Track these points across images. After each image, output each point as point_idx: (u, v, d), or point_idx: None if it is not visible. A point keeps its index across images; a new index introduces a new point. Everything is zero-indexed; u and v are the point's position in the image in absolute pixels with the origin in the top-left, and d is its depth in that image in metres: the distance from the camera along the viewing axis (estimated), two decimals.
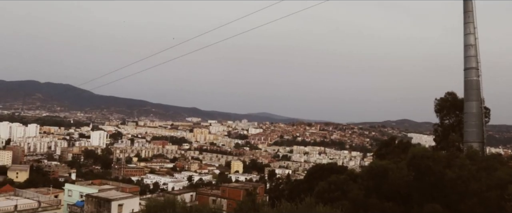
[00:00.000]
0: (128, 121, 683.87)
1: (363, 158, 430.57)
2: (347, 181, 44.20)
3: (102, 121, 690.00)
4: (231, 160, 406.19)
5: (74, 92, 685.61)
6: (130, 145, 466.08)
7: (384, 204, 36.28)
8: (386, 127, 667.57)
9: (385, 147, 69.57)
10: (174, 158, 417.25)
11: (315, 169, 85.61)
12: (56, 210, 67.33)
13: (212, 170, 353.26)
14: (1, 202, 65.23)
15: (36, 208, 64.67)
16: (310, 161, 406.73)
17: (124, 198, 75.19)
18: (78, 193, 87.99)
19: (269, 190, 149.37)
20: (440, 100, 62.80)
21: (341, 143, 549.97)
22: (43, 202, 67.23)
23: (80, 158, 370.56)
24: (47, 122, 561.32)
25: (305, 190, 57.02)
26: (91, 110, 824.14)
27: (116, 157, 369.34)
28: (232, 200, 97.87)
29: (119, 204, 71.54)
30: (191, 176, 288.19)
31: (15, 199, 67.38)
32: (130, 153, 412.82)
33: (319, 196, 41.11)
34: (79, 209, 77.20)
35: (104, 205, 70.92)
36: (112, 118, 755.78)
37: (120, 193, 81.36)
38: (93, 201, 73.12)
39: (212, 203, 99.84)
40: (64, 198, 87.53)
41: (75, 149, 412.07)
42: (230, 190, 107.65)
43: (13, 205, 62.01)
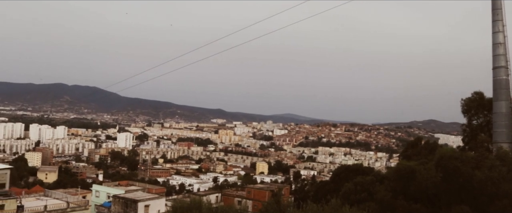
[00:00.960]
0: (154, 122, 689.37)
1: (389, 159, 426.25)
2: (374, 182, 43.75)
3: (128, 123, 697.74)
4: (256, 161, 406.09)
5: (100, 94, 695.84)
6: (156, 147, 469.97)
7: (411, 206, 35.79)
8: (412, 127, 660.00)
9: (412, 148, 68.68)
10: (200, 160, 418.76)
11: (341, 170, 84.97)
12: (84, 211, 68.13)
13: (237, 171, 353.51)
14: (32, 202, 66.41)
15: (65, 208, 65.56)
16: (336, 162, 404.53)
17: (150, 199, 75.74)
18: (105, 194, 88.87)
19: (295, 191, 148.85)
20: (467, 100, 61.59)
21: (366, 144, 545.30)
22: (71, 202, 68.16)
23: (107, 160, 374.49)
24: (74, 124, 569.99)
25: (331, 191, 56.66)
26: (117, 112, 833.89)
27: (142, 159, 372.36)
28: (258, 201, 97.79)
29: (146, 205, 72.09)
30: (217, 177, 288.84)
31: (45, 200, 68.51)
32: (156, 154, 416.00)
33: (345, 197, 40.78)
34: (106, 209, 78.09)
35: (130, 206, 71.55)
36: (138, 120, 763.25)
37: (146, 194, 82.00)
38: (120, 202, 73.82)
39: (238, 204, 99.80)
40: (92, 198, 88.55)
41: (102, 151, 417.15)
42: (255, 191, 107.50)
43: (43, 206, 63.02)
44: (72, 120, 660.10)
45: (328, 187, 70.68)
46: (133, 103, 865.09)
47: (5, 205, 58.94)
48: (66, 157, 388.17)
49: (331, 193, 46.09)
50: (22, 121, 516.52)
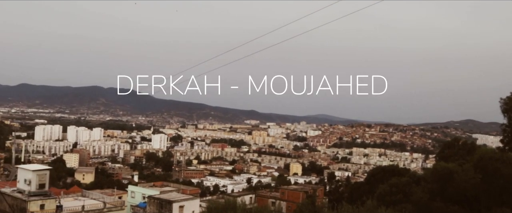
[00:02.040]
0: (187, 124, 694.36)
1: (425, 160, 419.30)
2: (410, 184, 43.15)
3: (163, 124, 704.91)
4: (290, 163, 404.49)
5: (135, 96, 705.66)
6: (190, 148, 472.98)
7: (449, 208, 35.09)
8: (449, 128, 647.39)
9: (449, 148, 67.35)
10: (233, 161, 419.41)
11: (376, 171, 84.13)
12: (120, 211, 69.14)
13: (271, 172, 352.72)
14: (70, 202, 67.80)
15: (101, 208, 66.73)
16: (370, 163, 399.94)
17: (185, 199, 76.36)
18: (140, 194, 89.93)
19: (329, 193, 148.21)
20: (507, 99, 59.78)
21: (401, 144, 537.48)
22: (108, 203, 69.29)
23: (142, 161, 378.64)
24: (110, 126, 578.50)
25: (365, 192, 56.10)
26: (152, 113, 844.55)
27: (176, 160, 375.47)
28: (292, 202, 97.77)
29: (180, 206, 72.74)
30: (250, 178, 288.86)
31: (82, 200, 69.87)
32: (190, 155, 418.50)
33: (380, 198, 40.33)
34: (141, 210, 79.04)
35: (165, 206, 72.35)
36: (172, 121, 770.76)
37: (181, 195, 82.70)
38: (155, 203, 74.76)
39: (272, 205, 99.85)
40: (128, 199, 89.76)
41: (137, 152, 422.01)
42: (289, 192, 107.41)
43: (80, 206, 64.29)
44: (108, 122, 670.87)
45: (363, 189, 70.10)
46: (167, 105, 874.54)
47: (45, 205, 60.36)
48: (102, 158, 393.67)
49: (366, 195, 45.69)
50: (60, 123, 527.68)
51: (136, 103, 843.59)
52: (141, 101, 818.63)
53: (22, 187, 63.27)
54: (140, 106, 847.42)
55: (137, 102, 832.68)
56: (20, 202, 60.28)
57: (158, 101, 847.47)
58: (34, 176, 62.27)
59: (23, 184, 63.06)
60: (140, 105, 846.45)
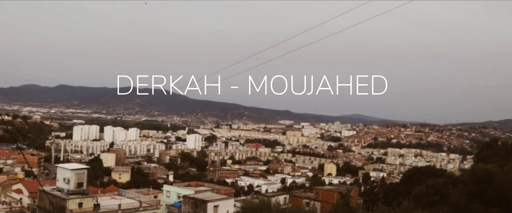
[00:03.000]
0: (222, 124, 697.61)
1: (463, 161, 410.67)
2: (447, 185, 42.40)
3: (197, 124, 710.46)
4: (324, 163, 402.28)
5: (170, 97, 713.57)
6: (224, 148, 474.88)
7: (488, 210, 34.31)
8: (487, 128, 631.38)
9: (487, 149, 66.00)
10: (267, 161, 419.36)
11: (412, 172, 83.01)
12: (156, 210, 69.93)
13: (305, 172, 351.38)
14: (107, 201, 69.00)
15: (137, 207, 67.63)
16: (406, 164, 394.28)
17: (219, 199, 76.68)
18: (175, 194, 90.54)
19: (363, 193, 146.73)
20: None
21: (438, 145, 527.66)
22: (143, 202, 70.24)
23: (177, 161, 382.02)
24: (146, 126, 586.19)
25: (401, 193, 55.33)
26: (186, 114, 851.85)
27: (211, 160, 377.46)
28: (326, 203, 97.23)
29: (215, 205, 73.05)
30: (284, 179, 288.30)
31: (119, 199, 71.04)
32: (225, 155, 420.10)
33: (416, 200, 39.76)
34: (177, 209, 79.68)
35: (200, 206, 72.73)
36: (207, 121, 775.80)
37: (215, 195, 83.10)
38: (190, 202, 75.22)
39: (306, 205, 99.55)
40: (163, 198, 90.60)
41: (172, 152, 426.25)
42: (323, 192, 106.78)
43: (117, 204, 65.33)
44: (144, 122, 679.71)
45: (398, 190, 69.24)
46: (201, 105, 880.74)
47: (83, 203, 61.60)
48: (138, 158, 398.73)
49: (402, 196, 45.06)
50: (97, 123, 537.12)
51: (171, 104, 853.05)
52: (176, 101, 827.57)
53: (61, 185, 64.75)
54: (175, 106, 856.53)
55: (172, 103, 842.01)
56: (60, 200, 61.66)
57: (193, 101, 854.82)
58: (73, 175, 63.64)
59: (62, 182, 64.52)
60: (175, 106, 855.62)
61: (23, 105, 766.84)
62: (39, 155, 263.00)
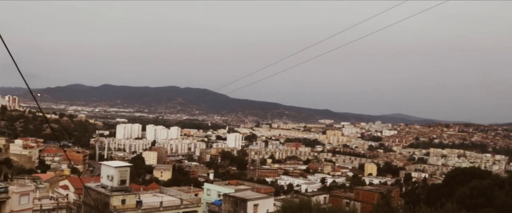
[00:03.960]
0: (262, 123, 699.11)
1: (509, 162, 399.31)
2: (492, 187, 41.43)
3: (238, 123, 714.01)
4: (364, 163, 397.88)
5: (211, 96, 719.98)
6: (264, 147, 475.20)
7: None
8: None
9: None
10: (307, 160, 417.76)
11: (455, 173, 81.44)
12: (197, 208, 70.62)
13: (345, 172, 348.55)
14: (149, 198, 70.15)
15: (178, 205, 68.48)
16: (448, 165, 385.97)
17: (259, 198, 76.96)
18: (216, 192, 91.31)
19: (405, 194, 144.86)
20: None
21: (483, 145, 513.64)
22: (184, 199, 71.00)
23: (218, 159, 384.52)
24: (187, 125, 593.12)
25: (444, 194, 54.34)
26: (227, 113, 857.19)
27: (251, 159, 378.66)
28: (366, 203, 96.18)
29: (255, 204, 73.34)
30: (324, 178, 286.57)
31: (160, 196, 72.08)
32: (264, 154, 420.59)
33: (460, 202, 39.02)
34: (217, 207, 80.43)
35: (240, 204, 73.22)
36: (247, 120, 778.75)
37: (255, 194, 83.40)
38: (230, 200, 75.85)
39: (346, 205, 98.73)
40: (203, 196, 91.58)
41: (212, 151, 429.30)
42: (364, 193, 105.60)
43: (159, 202, 66.40)
44: (185, 121, 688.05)
45: (441, 191, 68.03)
46: (242, 104, 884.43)
47: (126, 200, 62.90)
48: (179, 157, 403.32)
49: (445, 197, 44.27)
50: (139, 122, 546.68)
51: (212, 103, 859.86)
52: (217, 100, 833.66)
53: (105, 182, 66.28)
54: (216, 105, 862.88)
55: (212, 102, 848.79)
56: (104, 196, 63.17)
57: (233, 100, 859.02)
58: (116, 173, 65.06)
59: (106, 179, 66.05)
60: (216, 105, 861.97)
61: (69, 104, 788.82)
62: (84, 152, 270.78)
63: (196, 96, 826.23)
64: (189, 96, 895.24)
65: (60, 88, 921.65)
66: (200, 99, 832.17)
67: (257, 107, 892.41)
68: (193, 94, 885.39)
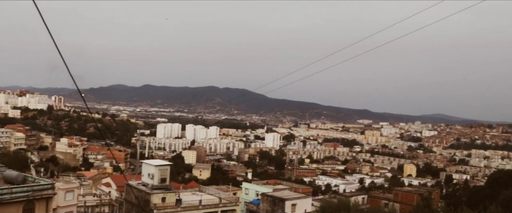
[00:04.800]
0: (300, 123, 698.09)
1: None
2: None
3: (276, 123, 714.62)
4: (403, 163, 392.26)
5: (249, 96, 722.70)
6: (302, 147, 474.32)
7: None
8: None
9: None
10: (346, 160, 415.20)
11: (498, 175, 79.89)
12: (235, 207, 71.26)
13: (384, 173, 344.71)
14: (188, 196, 71.27)
15: (217, 203, 69.32)
16: (491, 167, 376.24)
17: (297, 198, 77.04)
18: (254, 191, 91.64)
19: (445, 196, 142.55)
20: None
21: None
22: (223, 198, 71.84)
23: (256, 159, 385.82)
24: (225, 125, 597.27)
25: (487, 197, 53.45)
26: (265, 113, 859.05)
27: (289, 158, 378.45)
28: (406, 204, 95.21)
29: (293, 204, 73.46)
30: (363, 179, 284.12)
31: (199, 195, 73.15)
32: (302, 154, 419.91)
33: (504, 205, 38.44)
34: (255, 206, 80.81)
35: (278, 204, 73.50)
36: (285, 120, 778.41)
37: (293, 193, 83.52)
38: (268, 200, 76.21)
39: (385, 206, 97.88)
40: (242, 195, 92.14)
41: (251, 150, 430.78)
42: (403, 194, 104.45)
43: (198, 200, 67.40)
44: (223, 120, 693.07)
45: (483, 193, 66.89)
46: (280, 104, 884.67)
47: (166, 198, 64.16)
48: (218, 156, 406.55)
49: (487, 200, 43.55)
50: (179, 121, 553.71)
51: (250, 103, 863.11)
52: (255, 100, 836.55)
53: (146, 180, 67.76)
54: (254, 105, 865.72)
55: (251, 102, 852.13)
56: (144, 194, 64.58)
57: (271, 100, 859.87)
58: (157, 171, 66.41)
59: (147, 178, 67.51)
60: (254, 105, 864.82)
61: (111, 104, 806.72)
62: (126, 151, 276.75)
63: (235, 96, 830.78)
64: (228, 96, 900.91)
65: (103, 89, 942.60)
66: (239, 99, 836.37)
67: (295, 107, 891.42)
68: (232, 94, 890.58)
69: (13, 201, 47.73)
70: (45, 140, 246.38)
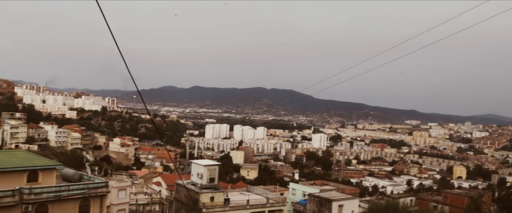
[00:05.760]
0: (347, 124, 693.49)
1: None
2: None
3: (323, 124, 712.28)
4: (453, 165, 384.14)
5: (296, 97, 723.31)
6: (349, 148, 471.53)
7: None
8: None
9: None
10: (393, 161, 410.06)
11: None
12: (282, 207, 72.15)
13: (432, 174, 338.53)
14: (236, 196, 72.78)
15: (264, 203, 70.40)
16: None
17: (344, 199, 77.11)
18: (301, 192, 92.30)
19: (497, 199, 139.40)
20: None
21: None
22: (270, 198, 72.91)
23: (303, 159, 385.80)
24: (272, 125, 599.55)
25: None
26: (312, 113, 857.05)
27: (335, 159, 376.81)
28: (455, 207, 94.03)
29: (340, 205, 73.60)
30: (410, 180, 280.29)
31: (247, 194, 74.55)
32: (349, 155, 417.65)
33: None
34: (302, 207, 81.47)
35: (325, 204, 73.82)
36: (332, 121, 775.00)
37: (340, 194, 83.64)
38: (315, 200, 76.64)
39: (434, 209, 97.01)
40: (289, 196, 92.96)
41: (298, 151, 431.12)
42: (452, 196, 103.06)
43: (245, 200, 68.78)
44: (271, 121, 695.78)
45: None
46: (327, 105, 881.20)
47: (215, 197, 65.97)
48: (265, 156, 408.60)
49: None
50: (227, 122, 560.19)
51: (297, 103, 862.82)
52: (302, 101, 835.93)
53: (195, 180, 69.72)
54: (301, 106, 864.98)
55: (298, 102, 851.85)
56: (194, 193, 66.52)
57: (318, 101, 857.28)
58: (206, 171, 68.25)
59: (196, 177, 69.46)
60: (301, 105, 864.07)
61: (161, 105, 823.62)
62: (175, 151, 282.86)
63: (282, 97, 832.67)
64: (275, 97, 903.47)
65: (153, 90, 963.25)
66: (285, 100, 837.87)
67: (342, 108, 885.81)
68: (279, 95, 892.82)
69: (71, 198, 50.55)
70: (99, 140, 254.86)
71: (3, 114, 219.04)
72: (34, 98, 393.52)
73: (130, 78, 15.73)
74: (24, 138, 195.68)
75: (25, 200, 46.44)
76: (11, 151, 76.60)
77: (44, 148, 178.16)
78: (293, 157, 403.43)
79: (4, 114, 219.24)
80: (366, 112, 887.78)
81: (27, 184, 48.42)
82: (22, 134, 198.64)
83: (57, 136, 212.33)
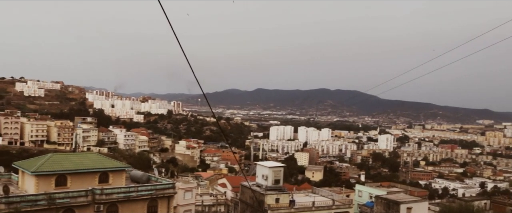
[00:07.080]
0: (414, 124, 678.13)
1: None
2: None
3: (389, 125, 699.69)
4: None
5: (361, 97, 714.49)
6: (417, 149, 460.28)
7: None
8: None
9: None
10: (464, 163, 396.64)
11: None
12: (348, 209, 71.01)
13: (508, 177, 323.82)
14: (301, 198, 72.33)
15: (330, 205, 69.53)
16: None
17: (412, 201, 74.97)
18: (367, 194, 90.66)
19: None
20: None
21: None
22: (336, 200, 71.91)
23: (369, 161, 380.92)
24: (337, 127, 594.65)
25: None
26: (377, 114, 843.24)
27: (403, 161, 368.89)
28: None
29: (408, 207, 71.71)
30: (484, 183, 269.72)
31: (312, 196, 73.92)
32: (417, 156, 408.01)
33: None
34: (369, 209, 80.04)
35: (392, 207, 72.05)
36: (398, 121, 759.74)
37: (408, 196, 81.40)
38: (382, 203, 74.93)
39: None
40: (355, 198, 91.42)
41: (363, 152, 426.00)
42: None
43: (311, 202, 68.19)
44: (335, 122, 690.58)
45: None
46: (393, 105, 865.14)
47: (280, 199, 65.76)
48: (330, 158, 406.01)
49: None
50: (291, 124, 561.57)
51: (363, 104, 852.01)
52: (367, 102, 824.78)
53: (260, 181, 69.78)
54: (366, 106, 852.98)
55: (363, 103, 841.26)
56: (259, 194, 66.58)
57: (384, 101, 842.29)
58: (271, 172, 68.16)
59: (261, 179, 69.50)
60: (366, 106, 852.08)
61: (225, 108, 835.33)
62: (240, 153, 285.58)
63: (347, 98, 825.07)
64: (340, 98, 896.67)
65: (217, 93, 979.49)
66: (350, 101, 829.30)
67: (409, 108, 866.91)
68: (343, 96, 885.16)
69: (139, 199, 51.94)
70: (165, 143, 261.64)
71: (76, 118, 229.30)
72: (104, 103, 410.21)
73: (195, 82, 15.68)
74: (95, 141, 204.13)
75: (97, 200, 48.29)
76: (84, 154, 79.98)
77: (114, 151, 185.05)
78: (359, 158, 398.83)
79: (76, 118, 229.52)
80: (434, 112, 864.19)
81: (99, 185, 50.26)
82: (93, 137, 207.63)
83: (126, 139, 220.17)
